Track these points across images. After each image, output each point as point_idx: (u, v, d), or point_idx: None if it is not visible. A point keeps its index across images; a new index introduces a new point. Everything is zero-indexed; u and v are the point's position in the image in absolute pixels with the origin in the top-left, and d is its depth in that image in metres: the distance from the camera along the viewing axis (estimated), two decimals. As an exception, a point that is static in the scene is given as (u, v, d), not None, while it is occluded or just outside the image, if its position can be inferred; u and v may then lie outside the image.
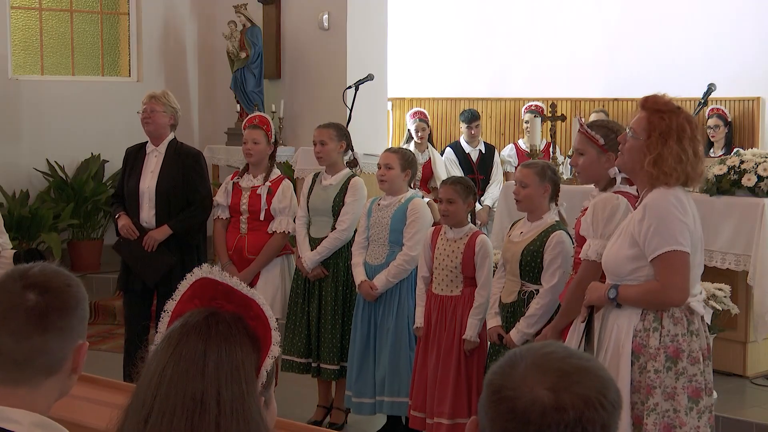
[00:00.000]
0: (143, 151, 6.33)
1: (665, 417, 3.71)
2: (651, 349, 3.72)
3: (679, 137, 3.72)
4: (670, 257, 3.68)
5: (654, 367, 3.71)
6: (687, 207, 3.75)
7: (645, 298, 3.76)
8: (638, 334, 3.75)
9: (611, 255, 3.85)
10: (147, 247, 6.13)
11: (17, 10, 9.75)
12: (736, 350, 6.25)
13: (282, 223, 6.09)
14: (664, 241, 3.68)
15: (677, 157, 3.70)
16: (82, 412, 3.48)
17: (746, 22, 9.71)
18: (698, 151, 3.78)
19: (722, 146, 9.16)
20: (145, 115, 6.24)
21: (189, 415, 1.69)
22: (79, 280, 2.00)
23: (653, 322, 3.75)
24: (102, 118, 9.78)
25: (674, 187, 3.74)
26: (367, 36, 9.25)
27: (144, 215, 6.23)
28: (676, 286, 3.71)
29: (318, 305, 5.99)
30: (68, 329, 1.93)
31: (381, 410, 5.77)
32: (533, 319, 4.91)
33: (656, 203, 3.71)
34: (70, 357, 1.95)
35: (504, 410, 1.53)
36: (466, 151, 9.73)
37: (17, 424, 1.85)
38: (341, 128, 6.18)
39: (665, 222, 3.69)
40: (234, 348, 1.75)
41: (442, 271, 5.42)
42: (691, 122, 3.78)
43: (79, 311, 1.96)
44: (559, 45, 10.89)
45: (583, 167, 4.43)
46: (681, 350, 3.73)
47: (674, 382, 3.72)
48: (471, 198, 5.45)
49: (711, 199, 6.13)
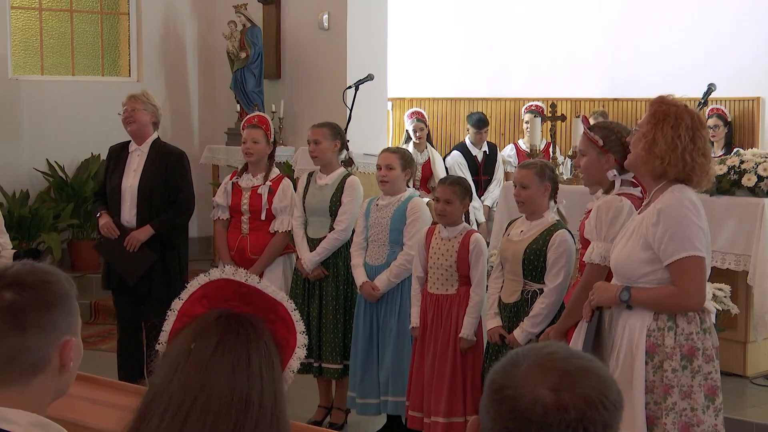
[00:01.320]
0: (126, 150, 6.36)
1: (683, 416, 3.71)
2: (667, 348, 3.72)
3: (675, 124, 3.70)
4: (688, 263, 3.68)
5: (671, 366, 3.71)
6: (701, 210, 3.75)
7: (662, 302, 3.75)
8: (652, 334, 3.75)
9: (623, 257, 3.82)
10: (129, 247, 6.15)
11: (17, 10, 9.74)
12: (736, 350, 6.25)
13: (284, 222, 6.08)
14: (682, 247, 3.67)
15: (671, 142, 3.69)
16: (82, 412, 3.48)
17: (746, 22, 9.71)
18: (699, 143, 3.73)
19: (722, 146, 9.16)
20: (126, 115, 6.29)
21: (235, 414, 1.72)
22: (63, 276, 1.95)
23: (668, 321, 3.74)
24: (102, 118, 9.75)
25: (682, 186, 3.73)
26: (367, 36, 9.25)
27: (125, 214, 6.25)
28: (695, 291, 3.71)
29: (319, 305, 5.98)
30: (49, 326, 1.88)
31: (385, 410, 5.76)
32: (538, 318, 4.91)
33: (671, 207, 3.70)
34: (56, 354, 1.90)
35: (505, 410, 1.53)
36: (472, 153, 9.75)
37: (15, 425, 1.83)
38: (335, 127, 6.16)
39: (682, 227, 3.68)
40: (271, 350, 1.80)
41: (437, 270, 5.41)
42: (693, 116, 3.75)
43: (61, 307, 1.91)
44: (559, 45, 10.89)
45: (584, 168, 4.45)
46: (696, 348, 3.74)
47: (690, 380, 3.73)
48: (468, 199, 5.46)
49: (711, 199, 6.12)
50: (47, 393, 1.93)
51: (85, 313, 8.63)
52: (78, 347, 1.96)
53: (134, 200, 6.21)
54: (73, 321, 1.95)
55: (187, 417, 1.71)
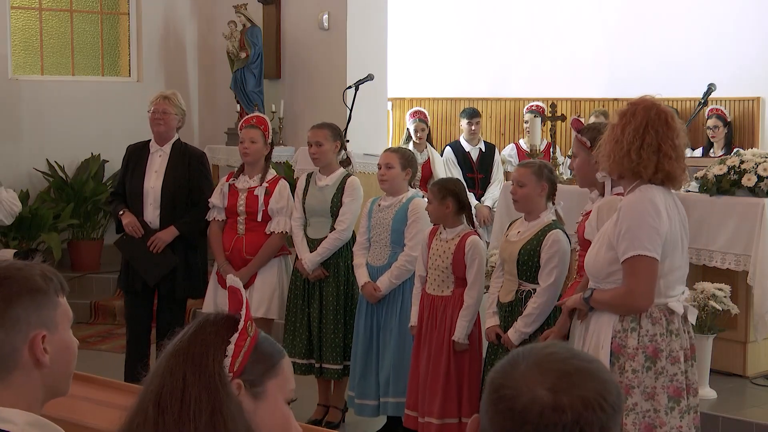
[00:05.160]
0: (146, 150, 6.31)
1: (646, 417, 3.73)
2: (629, 350, 3.74)
3: (626, 123, 3.73)
4: (636, 262, 3.70)
5: (632, 367, 3.73)
6: (661, 210, 3.72)
7: (613, 302, 3.79)
8: (617, 335, 3.78)
9: (591, 257, 3.88)
10: (154, 248, 6.12)
11: (17, 10, 9.74)
12: (736, 350, 6.25)
13: (280, 223, 6.07)
14: (632, 246, 3.69)
15: (618, 141, 3.72)
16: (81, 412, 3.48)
17: (747, 22, 9.71)
18: (648, 140, 3.71)
19: (722, 146, 9.16)
20: (158, 116, 6.21)
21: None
22: (36, 271, 1.94)
23: (631, 322, 3.77)
24: (102, 118, 9.77)
25: (650, 186, 3.73)
26: (367, 36, 9.25)
27: (148, 215, 6.21)
28: (640, 292, 3.72)
29: (319, 305, 5.98)
30: (12, 320, 1.88)
31: (385, 411, 5.75)
32: (531, 318, 4.92)
33: (630, 206, 3.73)
34: (24, 349, 1.89)
35: (503, 409, 1.53)
36: (465, 150, 9.73)
37: (11, 424, 1.83)
38: (335, 128, 6.16)
39: (635, 226, 3.70)
40: (214, 357, 1.82)
41: (434, 271, 5.41)
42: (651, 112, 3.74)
43: (26, 301, 1.89)
44: (559, 45, 10.88)
45: (576, 169, 4.52)
46: (660, 350, 3.75)
47: (654, 381, 3.74)
48: (449, 199, 5.35)
49: (711, 199, 6.13)
50: (31, 390, 1.91)
51: (85, 313, 8.63)
52: (59, 342, 1.94)
53: (157, 201, 6.19)
54: (48, 315, 1.92)
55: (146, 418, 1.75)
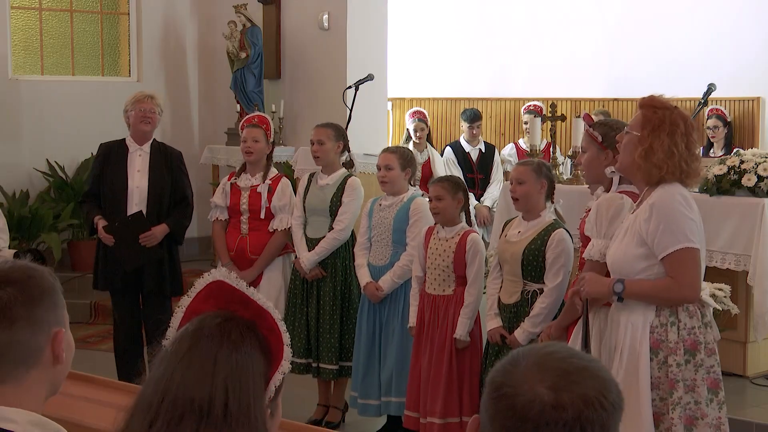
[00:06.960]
0: (124, 149, 6.33)
1: (688, 410, 3.75)
2: (671, 344, 3.76)
3: (671, 132, 3.76)
4: (683, 254, 3.73)
5: (675, 361, 3.75)
6: (693, 204, 3.79)
7: (657, 295, 3.78)
8: (655, 330, 3.78)
9: (618, 254, 3.86)
10: (147, 244, 6.15)
11: (17, 10, 9.75)
12: (736, 350, 6.25)
13: (283, 220, 6.08)
14: (675, 239, 3.72)
15: (668, 150, 3.75)
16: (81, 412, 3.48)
17: (746, 22, 9.71)
18: (692, 148, 3.80)
19: (722, 146, 9.16)
20: (148, 115, 6.24)
21: (196, 421, 1.69)
22: (46, 271, 1.99)
23: (669, 316, 3.78)
24: (102, 118, 9.76)
25: (674, 183, 3.77)
26: (367, 36, 9.25)
27: None
28: (690, 283, 3.76)
29: (317, 305, 5.98)
30: (37, 319, 1.92)
31: (387, 411, 5.74)
32: (539, 318, 4.91)
33: (663, 202, 3.74)
34: (48, 346, 1.94)
35: (503, 407, 1.53)
36: (465, 150, 9.74)
37: (14, 423, 1.85)
38: (339, 128, 6.17)
39: (674, 220, 3.73)
40: (245, 357, 1.75)
41: (434, 270, 5.40)
42: (686, 120, 3.82)
43: (47, 300, 1.94)
44: (559, 45, 10.89)
45: (585, 165, 4.52)
46: (698, 342, 3.78)
47: (694, 374, 3.77)
48: (461, 194, 5.39)
49: (711, 199, 6.13)
50: (42, 388, 1.95)
51: (85, 313, 8.62)
52: (68, 339, 1.99)
53: (143, 201, 6.22)
54: (61, 314, 1.98)
55: (153, 421, 1.70)
